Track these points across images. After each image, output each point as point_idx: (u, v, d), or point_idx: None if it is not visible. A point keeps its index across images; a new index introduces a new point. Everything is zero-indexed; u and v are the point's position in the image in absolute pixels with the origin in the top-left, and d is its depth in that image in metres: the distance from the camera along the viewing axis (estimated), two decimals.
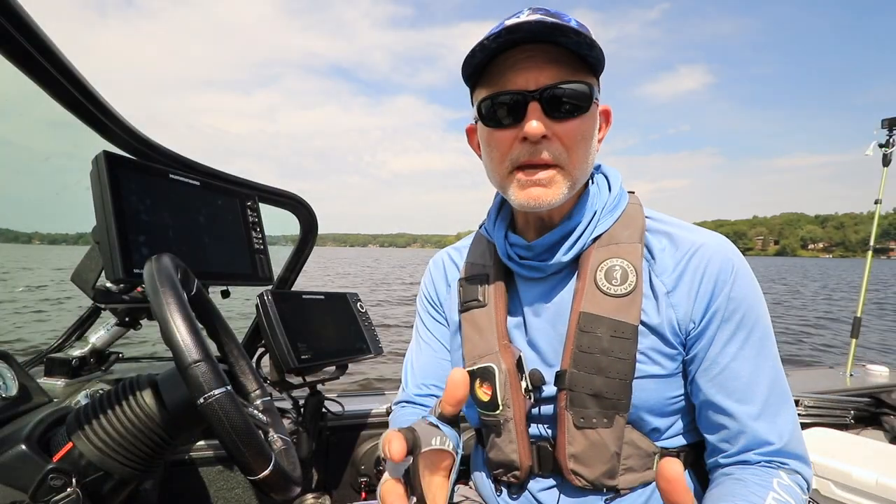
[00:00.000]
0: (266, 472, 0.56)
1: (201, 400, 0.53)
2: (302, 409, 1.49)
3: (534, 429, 0.78)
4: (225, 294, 1.19)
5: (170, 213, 1.03)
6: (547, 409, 0.77)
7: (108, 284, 0.97)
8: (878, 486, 1.39)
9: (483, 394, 0.78)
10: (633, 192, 0.84)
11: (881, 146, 2.73)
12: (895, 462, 1.47)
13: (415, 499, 0.55)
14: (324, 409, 1.53)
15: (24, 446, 0.60)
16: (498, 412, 0.77)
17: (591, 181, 0.81)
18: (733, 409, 0.69)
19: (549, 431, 0.77)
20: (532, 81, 0.68)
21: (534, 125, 0.67)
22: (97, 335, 1.10)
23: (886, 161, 2.71)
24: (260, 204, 1.32)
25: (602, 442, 0.71)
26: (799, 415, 2.00)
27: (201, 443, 1.40)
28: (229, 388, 0.55)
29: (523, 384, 0.76)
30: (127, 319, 1.09)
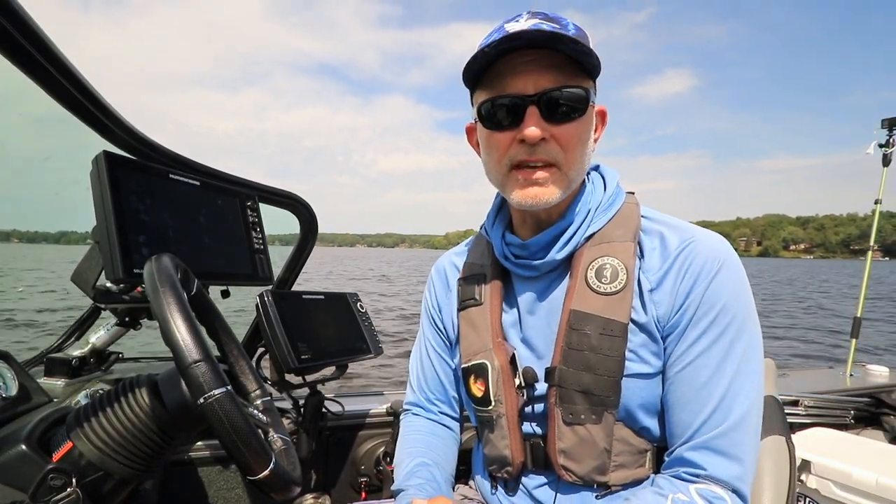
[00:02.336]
0: (266, 472, 0.56)
1: (201, 400, 0.53)
2: (302, 409, 1.49)
3: (527, 426, 0.79)
4: (225, 294, 1.19)
5: (170, 213, 1.03)
6: (540, 406, 0.78)
7: (108, 284, 0.97)
8: (878, 486, 1.39)
9: (477, 390, 0.80)
10: (633, 193, 0.84)
11: (881, 146, 2.73)
12: (895, 462, 1.48)
13: None
14: (324, 409, 1.53)
15: (24, 446, 0.60)
16: (490, 408, 0.79)
17: (587, 181, 0.82)
18: (682, 409, 0.70)
19: (541, 428, 0.78)
20: (531, 86, 0.69)
21: (532, 129, 0.69)
22: (97, 335, 1.10)
23: (886, 161, 2.71)
24: (260, 204, 1.32)
25: (591, 438, 0.72)
26: (799, 415, 2.01)
27: (201, 443, 1.40)
28: (229, 387, 0.55)
29: (517, 381, 0.78)
30: (127, 319, 1.09)
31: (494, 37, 0.68)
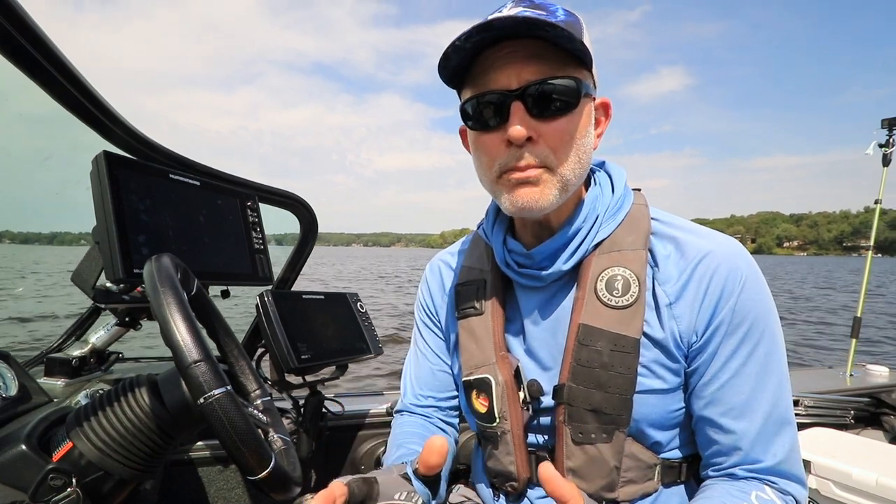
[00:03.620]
0: (266, 473, 0.56)
1: (201, 400, 0.53)
2: (302, 409, 1.49)
3: (532, 438, 0.77)
4: (225, 294, 1.19)
5: (170, 213, 1.03)
6: (545, 419, 0.75)
7: (108, 284, 0.97)
8: (878, 486, 1.39)
9: (480, 405, 0.77)
10: (640, 190, 0.79)
11: (881, 146, 2.73)
12: (895, 462, 1.47)
13: None
14: (324, 409, 1.53)
15: (24, 446, 0.60)
16: (495, 424, 0.75)
17: (592, 182, 0.78)
18: (730, 425, 0.68)
19: (548, 442, 0.76)
20: (514, 79, 0.64)
21: (516, 128, 0.63)
22: (97, 335, 1.10)
23: (886, 161, 2.71)
24: (260, 204, 1.32)
25: (601, 457, 0.69)
26: (799, 415, 2.00)
27: (201, 443, 1.40)
28: (229, 388, 0.55)
29: (521, 395, 0.74)
30: (127, 319, 1.09)
31: (467, 30, 0.62)
